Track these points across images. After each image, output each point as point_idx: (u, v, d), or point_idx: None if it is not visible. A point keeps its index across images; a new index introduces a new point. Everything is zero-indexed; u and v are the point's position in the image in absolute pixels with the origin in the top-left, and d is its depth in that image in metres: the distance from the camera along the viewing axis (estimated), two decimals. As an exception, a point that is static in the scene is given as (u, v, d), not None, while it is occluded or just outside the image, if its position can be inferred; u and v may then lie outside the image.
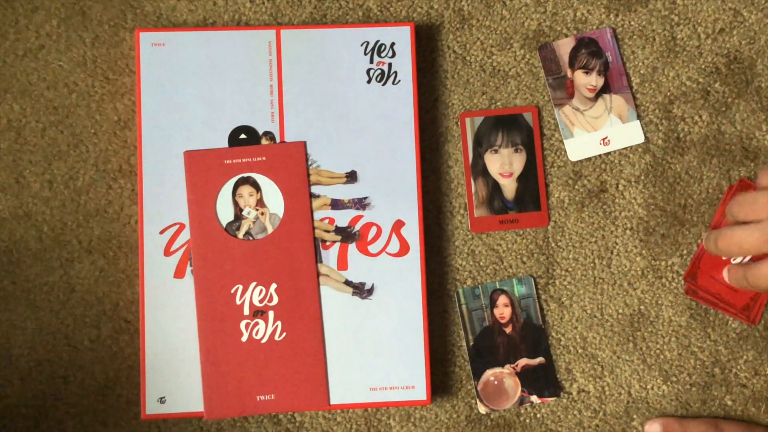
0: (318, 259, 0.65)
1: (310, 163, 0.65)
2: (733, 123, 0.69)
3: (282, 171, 0.65)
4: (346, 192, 0.65)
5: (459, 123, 0.68)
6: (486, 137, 0.68)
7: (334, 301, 0.65)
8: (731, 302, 0.67)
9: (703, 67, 0.69)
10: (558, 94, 0.69)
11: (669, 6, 0.69)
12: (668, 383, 0.68)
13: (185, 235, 0.64)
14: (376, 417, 0.67)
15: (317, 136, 0.65)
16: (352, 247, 0.65)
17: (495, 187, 0.68)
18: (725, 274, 0.66)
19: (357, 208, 0.65)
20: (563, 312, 0.68)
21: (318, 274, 0.65)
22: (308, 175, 0.65)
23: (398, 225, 0.65)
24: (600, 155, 0.69)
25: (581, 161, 0.69)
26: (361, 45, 0.66)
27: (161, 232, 0.64)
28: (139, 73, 0.65)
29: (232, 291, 0.64)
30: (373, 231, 0.65)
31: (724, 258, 0.67)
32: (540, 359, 0.67)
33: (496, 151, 0.68)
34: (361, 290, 0.65)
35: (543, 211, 0.68)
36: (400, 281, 0.65)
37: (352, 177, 0.65)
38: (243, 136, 0.65)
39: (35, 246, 0.66)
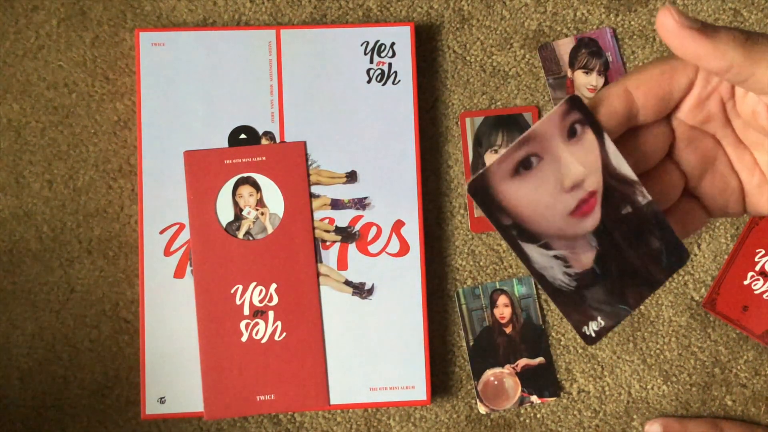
0: (318, 259, 0.65)
1: (310, 163, 0.65)
2: (734, 123, 0.69)
3: (282, 171, 0.65)
4: (346, 192, 0.65)
5: (459, 123, 0.68)
6: (486, 137, 0.68)
7: (334, 301, 0.65)
8: (750, 328, 0.67)
9: (703, 67, 0.69)
10: (558, 94, 0.69)
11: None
12: (668, 383, 0.68)
13: (185, 235, 0.64)
14: (376, 417, 0.67)
15: (317, 136, 0.65)
16: (352, 247, 0.65)
17: (495, 187, 0.68)
18: None
19: (357, 208, 0.65)
20: (563, 312, 0.68)
21: (318, 274, 0.65)
22: (308, 175, 0.65)
23: (398, 225, 0.65)
24: (600, 155, 0.69)
25: (581, 161, 0.69)
26: (361, 45, 0.66)
27: (161, 232, 0.64)
28: (139, 73, 0.65)
29: (232, 291, 0.64)
30: (373, 231, 0.65)
31: None
32: (540, 359, 0.67)
33: (496, 151, 0.68)
34: (361, 290, 0.65)
35: (543, 211, 0.68)
36: (400, 281, 0.65)
37: (352, 177, 0.65)
38: (243, 136, 0.65)
39: (35, 246, 0.66)
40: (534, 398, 0.67)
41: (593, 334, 0.38)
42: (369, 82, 0.66)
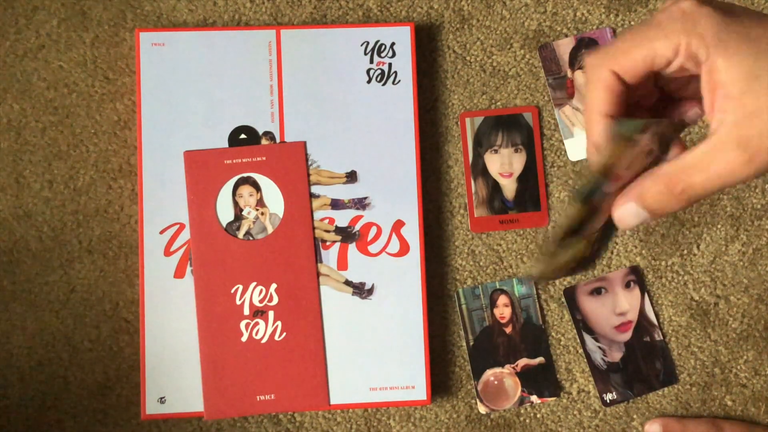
0: (318, 259, 0.65)
1: (310, 163, 0.65)
2: (733, 123, 0.69)
3: (282, 171, 0.65)
4: (346, 192, 0.65)
5: (459, 123, 0.68)
6: (486, 137, 0.68)
7: (334, 301, 0.65)
8: None
9: (703, 67, 0.69)
10: (558, 94, 0.69)
11: (669, 6, 0.69)
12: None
13: (185, 235, 0.64)
14: (376, 417, 0.67)
15: (317, 136, 0.65)
16: (352, 247, 0.65)
17: (495, 187, 0.68)
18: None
19: (357, 208, 0.65)
20: (563, 312, 0.68)
21: (318, 274, 0.65)
22: (308, 175, 0.65)
23: (398, 225, 0.65)
24: (600, 155, 0.69)
25: (581, 161, 0.69)
26: (361, 45, 0.66)
27: (161, 232, 0.64)
28: (139, 73, 0.65)
29: (232, 291, 0.64)
30: (373, 231, 0.65)
31: None
32: (540, 359, 0.67)
33: (496, 151, 0.68)
34: (361, 290, 0.65)
35: (543, 211, 0.68)
36: (400, 281, 0.65)
37: (352, 177, 0.65)
38: (243, 136, 0.65)
39: (35, 246, 0.66)
40: (534, 398, 0.67)
41: (608, 401, 0.66)
42: (369, 82, 0.66)
